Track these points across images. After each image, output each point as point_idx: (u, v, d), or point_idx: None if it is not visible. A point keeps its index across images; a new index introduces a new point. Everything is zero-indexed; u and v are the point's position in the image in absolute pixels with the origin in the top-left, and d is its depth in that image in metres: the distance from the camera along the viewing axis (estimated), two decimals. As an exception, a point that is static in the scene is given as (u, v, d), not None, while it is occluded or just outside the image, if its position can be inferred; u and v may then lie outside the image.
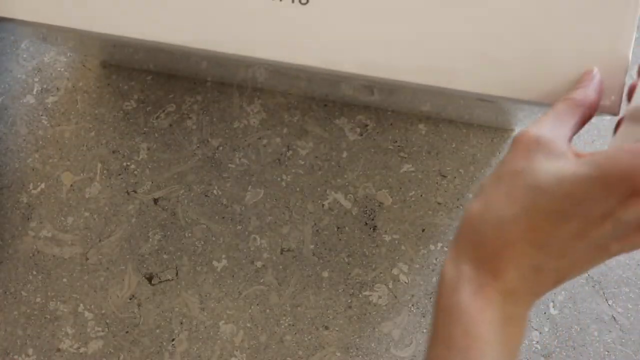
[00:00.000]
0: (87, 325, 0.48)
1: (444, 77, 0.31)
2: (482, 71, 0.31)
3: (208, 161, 0.50)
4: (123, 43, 0.37)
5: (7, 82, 0.52)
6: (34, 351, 0.48)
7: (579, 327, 0.46)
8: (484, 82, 0.31)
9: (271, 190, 0.49)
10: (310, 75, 0.38)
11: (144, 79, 0.51)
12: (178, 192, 0.50)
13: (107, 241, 0.49)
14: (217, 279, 0.48)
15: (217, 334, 0.47)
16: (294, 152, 0.50)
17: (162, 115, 0.51)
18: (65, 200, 0.50)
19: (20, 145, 0.51)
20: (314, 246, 0.48)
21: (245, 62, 0.34)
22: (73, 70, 0.52)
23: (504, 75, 0.31)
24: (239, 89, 0.51)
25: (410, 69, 0.31)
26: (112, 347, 0.48)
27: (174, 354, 0.47)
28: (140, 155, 0.50)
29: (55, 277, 0.49)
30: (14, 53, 0.52)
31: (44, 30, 0.41)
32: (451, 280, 0.28)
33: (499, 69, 0.31)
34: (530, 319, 0.46)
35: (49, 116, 0.51)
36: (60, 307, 0.48)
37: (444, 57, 0.31)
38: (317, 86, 0.46)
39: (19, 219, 0.50)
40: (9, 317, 0.48)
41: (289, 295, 0.48)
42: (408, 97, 0.42)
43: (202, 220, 0.49)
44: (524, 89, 0.31)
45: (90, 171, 0.50)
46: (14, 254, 0.49)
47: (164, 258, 0.49)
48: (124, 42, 0.34)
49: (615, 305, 0.46)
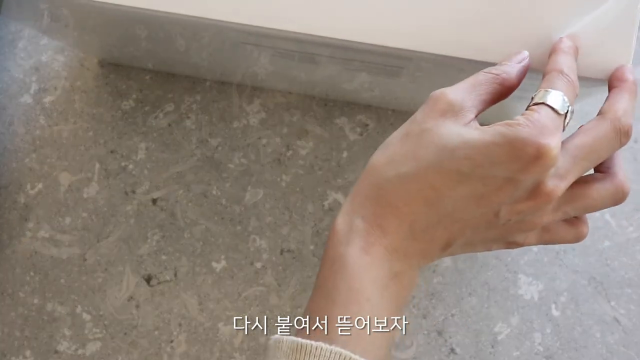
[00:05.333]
0: (85, 327, 0.48)
1: (451, 45, 0.31)
2: (490, 39, 0.31)
3: (207, 161, 0.50)
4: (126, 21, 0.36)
5: (4, 81, 0.52)
6: (32, 353, 0.47)
7: (581, 329, 0.46)
8: (490, 49, 0.31)
9: (271, 191, 0.49)
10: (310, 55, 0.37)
11: (143, 78, 0.51)
12: (177, 192, 0.49)
13: (105, 242, 0.49)
14: (217, 279, 0.48)
15: (217, 335, 0.47)
16: (294, 152, 0.50)
17: (161, 115, 0.51)
18: (63, 200, 0.50)
19: (17, 145, 0.51)
20: (314, 247, 0.48)
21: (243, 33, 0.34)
22: (71, 70, 0.52)
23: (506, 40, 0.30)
24: (239, 88, 0.51)
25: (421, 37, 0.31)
26: (110, 349, 0.47)
27: (173, 355, 0.47)
28: (138, 155, 0.50)
29: (52, 278, 0.48)
30: (12, 52, 0.52)
31: (45, 20, 0.40)
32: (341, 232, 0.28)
33: (506, 38, 0.30)
34: (532, 321, 0.46)
35: (46, 116, 0.51)
36: (58, 308, 0.48)
37: (451, 25, 0.31)
38: (318, 84, 0.46)
39: (17, 219, 0.49)
40: (6, 319, 0.48)
41: (288, 297, 0.47)
42: (408, 88, 0.42)
43: (201, 221, 0.49)
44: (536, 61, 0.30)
45: (88, 171, 0.50)
46: (12, 255, 0.49)
47: (163, 259, 0.48)
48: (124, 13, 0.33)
49: (617, 307, 0.46)
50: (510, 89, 0.29)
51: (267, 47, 0.36)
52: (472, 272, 0.47)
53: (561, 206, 0.28)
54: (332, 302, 0.27)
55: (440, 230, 0.28)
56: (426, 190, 0.27)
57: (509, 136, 0.25)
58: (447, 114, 0.27)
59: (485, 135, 0.26)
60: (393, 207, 0.28)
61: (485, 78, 0.28)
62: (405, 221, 0.28)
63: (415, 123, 0.28)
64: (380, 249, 0.28)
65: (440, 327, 0.46)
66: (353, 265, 0.27)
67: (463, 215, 0.27)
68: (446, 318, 0.46)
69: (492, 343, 0.46)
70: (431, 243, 0.28)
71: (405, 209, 0.27)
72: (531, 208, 0.27)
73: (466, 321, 0.46)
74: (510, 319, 0.46)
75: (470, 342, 0.46)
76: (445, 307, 0.47)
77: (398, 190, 0.27)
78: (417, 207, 0.27)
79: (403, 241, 0.28)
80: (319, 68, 0.39)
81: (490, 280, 0.47)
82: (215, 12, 0.31)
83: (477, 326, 0.46)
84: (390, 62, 0.35)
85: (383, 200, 0.28)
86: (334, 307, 0.27)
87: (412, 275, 0.29)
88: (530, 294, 0.47)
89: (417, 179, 0.27)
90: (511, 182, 0.26)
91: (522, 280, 0.47)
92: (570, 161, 0.27)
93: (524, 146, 0.25)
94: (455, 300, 0.47)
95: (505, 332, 0.46)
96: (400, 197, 0.27)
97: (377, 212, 0.28)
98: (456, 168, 0.26)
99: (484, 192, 0.26)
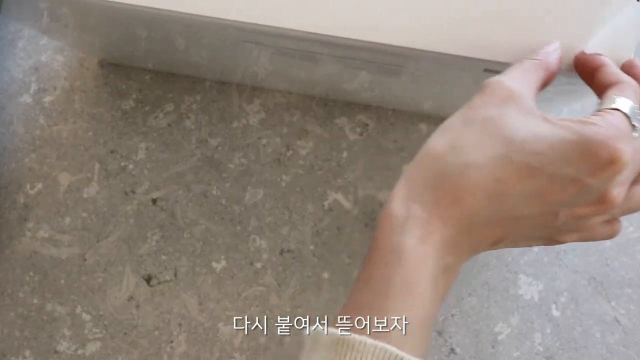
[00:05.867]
0: (84, 327, 0.48)
1: (452, 43, 0.31)
2: (492, 37, 0.30)
3: (207, 161, 0.50)
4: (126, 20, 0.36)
5: (4, 81, 0.52)
6: (31, 353, 0.47)
7: (582, 329, 0.46)
8: (494, 48, 0.30)
9: (271, 191, 0.49)
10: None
11: (143, 78, 0.51)
12: (177, 192, 0.49)
13: (105, 242, 0.49)
14: (216, 280, 0.48)
15: (217, 335, 0.47)
16: (294, 152, 0.49)
17: (161, 115, 0.51)
18: (62, 200, 0.50)
19: (17, 145, 0.50)
20: (314, 247, 0.48)
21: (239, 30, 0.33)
22: (70, 70, 0.52)
23: (514, 41, 0.30)
24: (239, 88, 0.51)
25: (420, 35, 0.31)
26: (110, 349, 0.47)
27: (173, 355, 0.47)
28: (138, 155, 0.50)
29: (52, 278, 0.48)
30: (11, 52, 0.52)
31: (45, 20, 0.40)
32: (398, 218, 0.26)
33: (511, 35, 0.30)
34: (532, 321, 0.46)
35: (46, 116, 0.51)
36: (57, 308, 0.48)
37: (451, 22, 0.31)
38: (318, 84, 0.46)
39: (16, 219, 0.49)
40: (6, 319, 0.48)
41: (288, 297, 0.47)
42: (408, 88, 0.42)
43: (201, 221, 0.49)
44: None
45: (88, 171, 0.50)
46: (11, 255, 0.49)
47: (163, 259, 0.48)
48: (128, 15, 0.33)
49: (617, 307, 0.46)
50: (553, 75, 0.28)
51: (268, 45, 0.36)
52: (472, 272, 0.47)
53: None
54: (383, 295, 0.25)
55: (498, 227, 0.27)
56: (491, 182, 0.25)
57: (585, 135, 0.24)
58: (509, 102, 0.26)
59: (558, 131, 0.25)
60: (456, 197, 0.26)
61: (532, 64, 0.28)
62: (466, 213, 0.26)
63: (476, 109, 0.27)
64: (438, 240, 0.26)
65: (440, 327, 0.46)
66: (409, 256, 0.25)
67: (524, 213, 0.26)
68: (446, 318, 0.46)
69: (492, 343, 0.46)
70: (485, 238, 0.27)
71: (468, 200, 0.26)
72: (592, 213, 0.26)
73: (466, 321, 0.46)
74: (511, 319, 0.46)
75: (470, 342, 0.46)
76: (445, 307, 0.47)
77: (462, 179, 0.26)
78: (480, 199, 0.26)
79: (460, 234, 0.26)
80: (319, 66, 0.39)
81: (491, 280, 0.47)
82: (215, 10, 0.31)
83: (477, 326, 0.46)
84: (391, 61, 0.34)
85: (445, 188, 0.26)
86: (386, 300, 0.25)
87: (458, 269, 0.28)
88: (531, 294, 0.46)
89: (483, 170, 0.26)
90: (577, 184, 0.25)
91: (522, 280, 0.47)
92: (631, 168, 0.26)
93: (598, 149, 0.24)
94: (455, 300, 0.47)
95: (505, 332, 0.46)
96: (464, 188, 0.26)
97: (438, 201, 0.26)
98: (526, 162, 0.25)
99: (549, 191, 0.25)
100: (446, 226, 0.26)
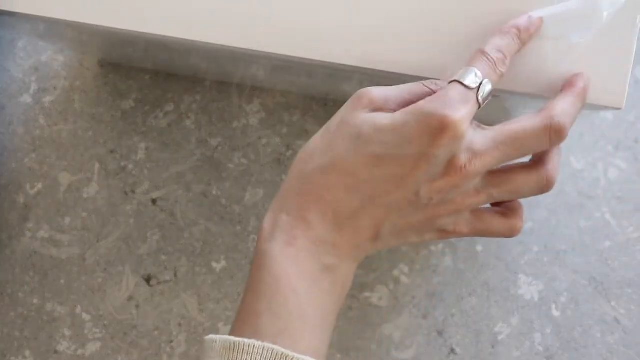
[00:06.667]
0: (84, 327, 0.48)
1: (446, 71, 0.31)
2: None
3: (207, 161, 0.50)
4: (122, 38, 0.36)
5: (4, 81, 0.52)
6: (31, 353, 0.47)
7: (582, 329, 0.46)
8: None
9: (271, 191, 0.49)
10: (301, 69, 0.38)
11: (142, 78, 0.51)
12: (177, 192, 0.49)
13: (105, 242, 0.49)
14: (216, 280, 0.48)
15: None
16: (294, 152, 0.49)
17: (161, 115, 0.51)
18: (62, 200, 0.50)
19: (17, 145, 0.51)
20: (314, 247, 0.48)
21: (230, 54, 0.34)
22: (70, 70, 0.52)
23: (514, 70, 0.30)
24: (238, 88, 0.51)
25: (409, 63, 0.31)
26: (110, 349, 0.47)
27: (173, 355, 0.47)
28: (138, 155, 0.50)
29: (52, 278, 0.48)
30: (11, 52, 0.52)
31: (42, 27, 0.40)
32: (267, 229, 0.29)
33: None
34: (532, 321, 0.46)
35: (46, 116, 0.51)
36: (57, 308, 0.48)
37: (443, 51, 0.31)
38: (318, 84, 0.46)
39: (16, 219, 0.49)
40: (6, 319, 0.48)
41: (288, 297, 0.47)
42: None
43: (201, 221, 0.49)
44: (530, 83, 0.31)
45: (88, 171, 0.50)
46: (11, 255, 0.49)
47: (163, 259, 0.48)
48: (123, 37, 0.34)
49: (618, 307, 0.46)
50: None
51: (261, 61, 0.37)
52: (472, 272, 0.47)
53: (485, 188, 0.29)
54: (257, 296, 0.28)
55: (364, 217, 0.28)
56: (345, 177, 0.28)
57: (414, 113, 0.26)
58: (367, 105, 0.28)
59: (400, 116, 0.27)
60: (316, 197, 0.28)
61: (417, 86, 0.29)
62: (329, 211, 0.28)
63: (336, 118, 0.29)
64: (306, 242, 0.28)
65: (440, 327, 0.46)
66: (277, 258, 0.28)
67: (384, 199, 0.28)
68: (446, 318, 0.46)
69: (493, 343, 0.46)
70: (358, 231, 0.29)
71: (327, 198, 0.28)
72: (449, 184, 0.27)
73: (466, 321, 0.46)
74: (511, 319, 0.46)
75: (470, 342, 0.46)
76: (445, 307, 0.47)
77: (319, 181, 0.28)
78: (338, 194, 0.28)
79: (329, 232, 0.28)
80: (314, 76, 0.40)
81: (491, 280, 0.47)
82: (203, 35, 0.32)
83: (477, 326, 0.46)
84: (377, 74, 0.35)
85: (305, 192, 0.28)
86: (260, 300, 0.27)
87: (347, 269, 0.30)
88: (531, 294, 0.46)
89: (336, 168, 0.28)
90: (424, 158, 0.26)
91: (522, 281, 0.47)
92: (489, 142, 0.27)
93: (427, 119, 0.26)
94: (455, 300, 0.47)
95: (505, 332, 0.46)
96: (323, 187, 0.28)
97: (300, 205, 0.28)
98: (371, 151, 0.27)
99: (401, 172, 0.27)
100: (312, 227, 0.28)
